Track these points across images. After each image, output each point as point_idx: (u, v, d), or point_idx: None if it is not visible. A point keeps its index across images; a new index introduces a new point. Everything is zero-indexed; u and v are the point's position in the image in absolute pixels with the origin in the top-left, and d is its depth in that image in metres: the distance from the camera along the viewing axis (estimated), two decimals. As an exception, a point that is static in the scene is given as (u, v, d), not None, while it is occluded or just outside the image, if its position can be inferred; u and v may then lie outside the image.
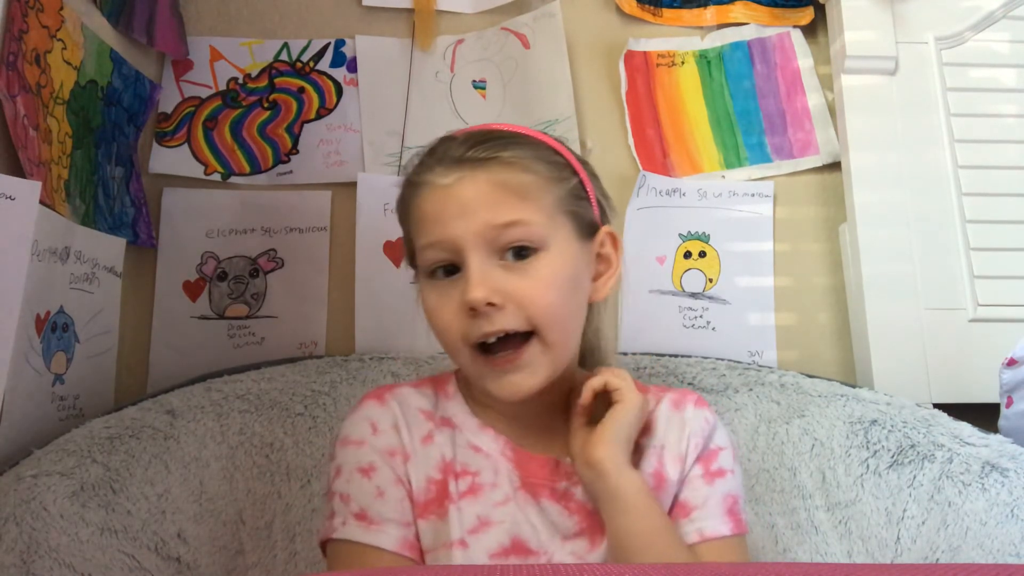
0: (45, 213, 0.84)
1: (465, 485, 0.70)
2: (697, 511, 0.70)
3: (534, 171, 0.69)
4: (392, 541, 0.67)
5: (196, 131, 1.19)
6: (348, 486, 0.69)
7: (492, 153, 0.69)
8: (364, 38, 1.24)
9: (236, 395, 0.95)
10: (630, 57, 1.25)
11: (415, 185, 0.71)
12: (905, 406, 0.98)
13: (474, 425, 0.73)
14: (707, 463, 0.72)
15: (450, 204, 0.67)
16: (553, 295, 0.67)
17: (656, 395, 0.76)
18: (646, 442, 0.73)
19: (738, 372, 1.03)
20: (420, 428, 0.72)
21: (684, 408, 0.75)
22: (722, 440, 0.75)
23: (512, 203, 0.67)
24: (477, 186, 0.67)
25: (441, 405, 0.75)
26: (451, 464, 0.70)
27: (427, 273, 0.70)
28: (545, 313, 0.66)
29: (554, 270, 0.67)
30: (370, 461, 0.69)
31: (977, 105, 1.18)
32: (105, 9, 1.05)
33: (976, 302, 1.11)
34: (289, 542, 0.88)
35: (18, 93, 0.84)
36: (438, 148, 0.72)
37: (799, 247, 1.21)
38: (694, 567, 0.51)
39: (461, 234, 0.66)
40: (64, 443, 0.83)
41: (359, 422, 0.72)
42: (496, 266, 0.66)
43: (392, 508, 0.68)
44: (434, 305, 0.69)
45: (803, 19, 1.27)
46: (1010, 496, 0.86)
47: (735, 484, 0.73)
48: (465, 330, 0.67)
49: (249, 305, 1.15)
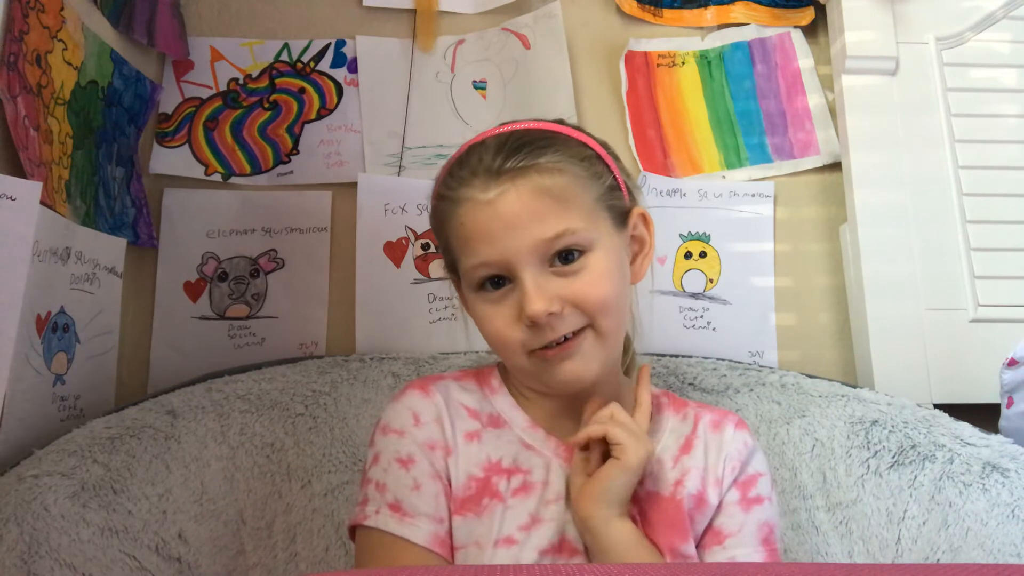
0: (46, 213, 0.84)
1: (517, 483, 0.69)
2: (731, 539, 0.70)
3: (571, 173, 0.69)
4: (423, 536, 0.66)
5: (197, 131, 1.19)
6: (385, 475, 0.69)
7: (529, 161, 0.68)
8: (365, 38, 1.24)
9: (237, 395, 0.95)
10: (631, 57, 1.25)
11: (453, 201, 0.70)
12: (906, 406, 0.98)
13: (524, 422, 0.73)
14: (745, 489, 0.72)
15: (496, 221, 0.67)
16: (605, 289, 0.68)
17: (696, 412, 0.76)
18: (688, 462, 0.72)
19: (739, 372, 1.03)
20: (464, 424, 0.72)
21: (723, 430, 0.74)
22: (760, 466, 0.74)
23: (556, 212, 0.67)
24: (521, 199, 0.67)
25: (488, 401, 0.74)
26: (498, 463, 0.70)
27: (475, 288, 0.70)
28: (600, 308, 0.67)
29: (602, 266, 0.68)
30: (409, 452, 0.69)
31: (977, 105, 1.18)
32: (106, 10, 1.05)
33: (977, 302, 1.11)
34: (290, 542, 0.88)
35: (19, 93, 0.84)
36: (470, 158, 0.70)
37: (800, 247, 1.21)
38: (694, 567, 0.51)
39: (512, 252, 0.66)
40: (65, 443, 0.83)
41: (402, 411, 0.72)
42: (547, 274, 0.67)
43: (427, 502, 0.67)
44: (487, 316, 0.69)
45: (803, 19, 1.27)
46: (1011, 496, 0.86)
47: (772, 513, 0.72)
48: (523, 339, 0.67)
49: (250, 305, 1.15)
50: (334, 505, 0.91)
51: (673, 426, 0.76)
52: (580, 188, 0.69)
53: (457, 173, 0.71)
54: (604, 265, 0.68)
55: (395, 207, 1.17)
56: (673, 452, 0.73)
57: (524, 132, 0.72)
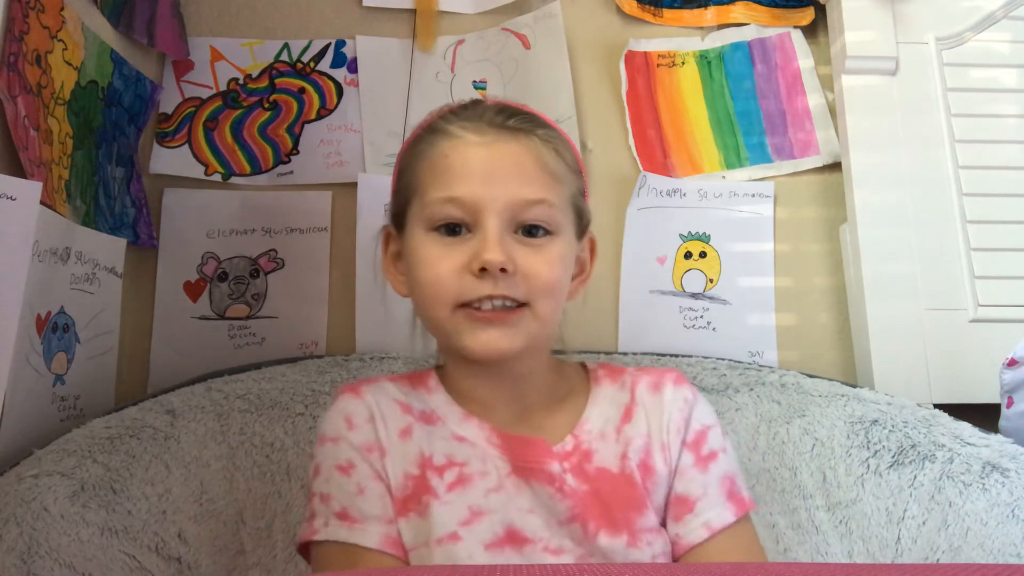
0: (46, 214, 0.84)
1: (452, 477, 0.68)
2: (699, 503, 0.69)
3: (563, 158, 0.70)
4: (374, 539, 0.65)
5: (197, 131, 1.19)
6: (328, 485, 0.68)
7: (531, 127, 0.69)
8: (365, 38, 1.24)
9: (236, 395, 0.95)
10: (631, 57, 1.25)
11: (443, 133, 0.69)
12: (906, 406, 0.98)
13: (458, 416, 0.71)
14: (697, 448, 0.71)
15: (484, 163, 0.66)
16: (558, 274, 0.68)
17: (633, 378, 0.75)
18: (630, 431, 0.71)
19: (739, 372, 1.03)
20: (397, 422, 0.70)
21: (663, 390, 0.73)
22: (706, 418, 0.73)
23: (543, 181, 0.67)
24: (515, 154, 0.67)
25: (421, 398, 0.73)
26: (430, 459, 0.69)
27: (429, 227, 0.68)
28: (545, 289, 0.67)
29: (560, 253, 0.68)
30: (348, 458, 0.68)
31: (977, 105, 1.18)
32: (106, 10, 1.05)
33: (977, 302, 1.11)
34: (289, 542, 0.88)
35: (19, 94, 0.84)
36: (468, 107, 0.71)
37: (800, 247, 1.21)
38: (694, 567, 0.51)
39: (488, 198, 0.65)
40: (64, 443, 0.83)
41: (334, 418, 0.70)
42: (510, 237, 0.66)
43: (373, 505, 0.66)
44: (432, 258, 0.67)
45: (803, 19, 1.27)
46: (1011, 496, 0.86)
47: (728, 462, 0.71)
48: (463, 288, 0.65)
49: (250, 305, 1.15)
50: (334, 505, 0.91)
51: (612, 396, 0.74)
52: (565, 176, 0.70)
53: (454, 114, 0.70)
54: (561, 253, 0.68)
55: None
56: (615, 423, 0.72)
57: (523, 106, 0.73)
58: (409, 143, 0.74)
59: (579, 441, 0.71)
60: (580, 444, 0.70)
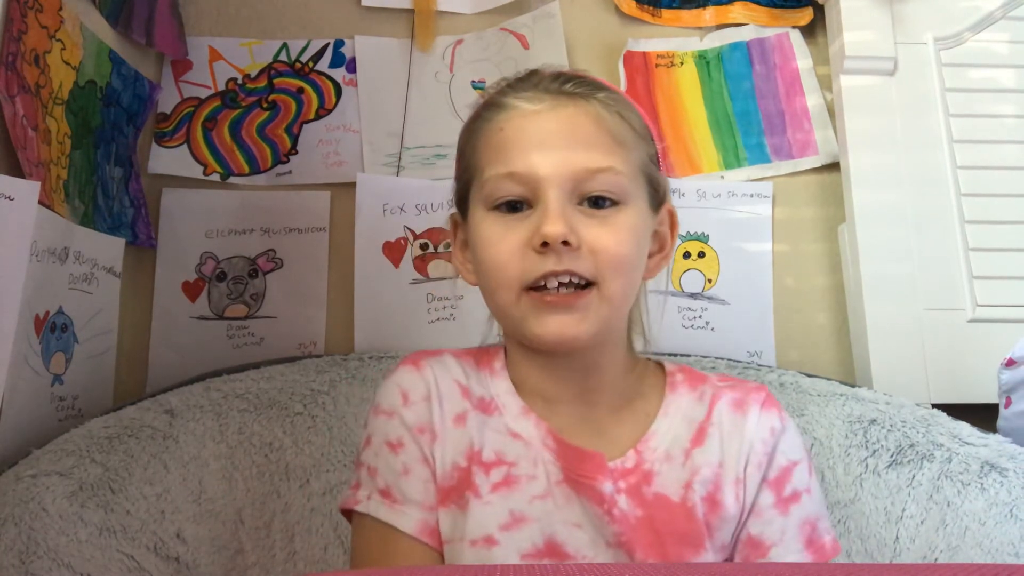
0: (44, 213, 0.84)
1: (499, 476, 0.63)
2: (774, 549, 0.63)
3: (629, 122, 0.64)
4: (412, 524, 0.63)
5: (195, 131, 1.19)
6: (376, 459, 0.65)
7: (590, 91, 0.64)
8: (363, 38, 1.24)
9: (235, 394, 0.95)
10: (629, 57, 1.25)
11: (497, 107, 0.65)
12: (904, 406, 0.98)
13: (517, 408, 0.66)
14: (779, 488, 0.64)
15: (539, 134, 0.62)
16: (627, 249, 0.62)
17: (714, 391, 0.67)
18: (700, 458, 0.64)
19: (738, 372, 1.03)
20: (454, 405, 0.66)
21: (747, 413, 0.66)
22: (793, 452, 0.65)
23: (608, 147, 0.62)
24: (575, 118, 0.62)
25: (483, 382, 0.68)
26: (479, 453, 0.64)
27: (490, 205, 0.63)
28: (615, 265, 0.61)
29: (631, 224, 0.63)
30: (399, 436, 0.65)
31: (976, 106, 1.18)
32: (104, 9, 1.05)
33: (975, 302, 1.11)
34: (288, 542, 0.88)
35: (17, 93, 0.84)
36: (524, 78, 0.67)
37: (798, 247, 1.21)
38: (694, 567, 0.51)
39: (547, 171, 0.61)
40: (63, 443, 0.82)
41: (391, 390, 0.67)
42: (574, 209, 0.61)
43: (416, 489, 0.64)
44: (495, 238, 0.62)
45: (802, 19, 1.27)
46: (1009, 496, 0.87)
47: (813, 504, 0.65)
48: (526, 267, 0.61)
49: (248, 305, 1.15)
50: (332, 504, 0.90)
51: (686, 410, 0.67)
52: (631, 140, 0.64)
53: (510, 87, 0.66)
54: (631, 225, 0.62)
55: (394, 207, 1.17)
56: (684, 444, 0.65)
57: (583, 73, 0.68)
58: (466, 123, 0.70)
59: (641, 459, 0.65)
60: (642, 463, 0.64)
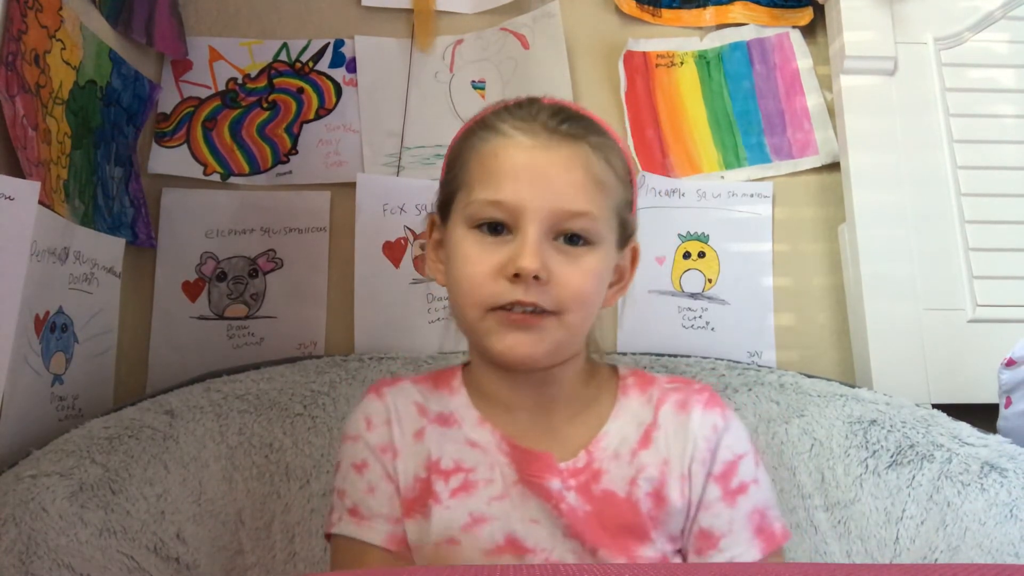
0: (44, 213, 0.84)
1: (457, 482, 0.68)
2: (724, 539, 0.67)
3: (613, 166, 0.69)
4: (380, 536, 0.68)
5: (195, 131, 1.19)
6: (344, 482, 0.71)
7: (584, 133, 0.68)
8: (363, 38, 1.24)
9: (235, 395, 0.95)
10: (629, 57, 1.25)
11: (497, 131, 0.68)
12: (904, 406, 0.98)
13: (474, 419, 0.71)
14: (725, 481, 0.68)
15: (532, 168, 0.66)
16: (589, 288, 0.67)
17: (661, 393, 0.72)
18: (645, 458, 0.69)
19: (737, 372, 1.03)
20: (413, 423, 0.71)
21: (690, 413, 0.70)
22: (738, 446, 0.69)
23: (590, 192, 0.66)
24: (564, 162, 0.66)
25: (442, 400, 0.73)
26: (437, 463, 0.69)
27: (472, 224, 0.67)
28: (575, 300, 0.66)
29: (596, 267, 0.67)
30: (363, 458, 0.70)
31: (976, 106, 1.18)
32: (104, 9, 1.05)
33: (975, 302, 1.11)
34: (288, 542, 0.88)
35: (17, 93, 0.84)
36: (524, 106, 0.70)
37: (798, 247, 1.21)
38: (694, 567, 0.51)
39: (532, 203, 0.65)
40: (63, 443, 0.82)
41: (357, 418, 0.73)
42: (549, 244, 0.66)
43: (381, 503, 0.69)
44: (472, 257, 0.66)
45: (802, 19, 1.27)
46: (1009, 496, 0.87)
47: (760, 494, 0.68)
48: (497, 291, 0.65)
49: (248, 305, 1.15)
50: (333, 505, 0.91)
51: (635, 411, 0.72)
52: (612, 186, 0.69)
53: (507, 115, 0.70)
54: (596, 267, 0.67)
55: (394, 207, 1.17)
56: (631, 445, 0.70)
57: (580, 109, 0.72)
58: (461, 135, 0.73)
59: (592, 459, 0.69)
60: (592, 462, 0.69)
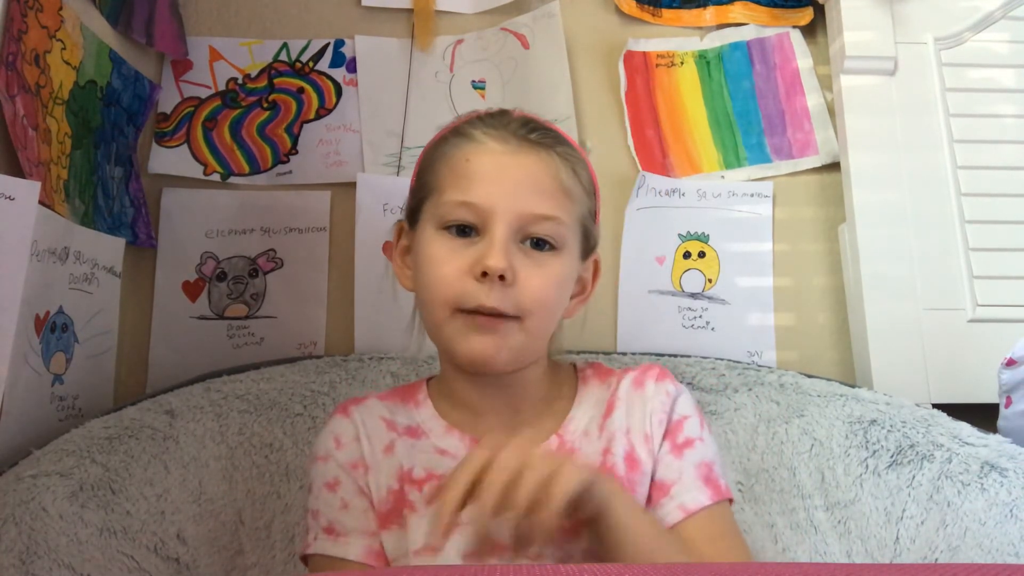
0: (44, 213, 0.84)
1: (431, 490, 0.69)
2: (674, 487, 0.70)
3: (579, 178, 0.72)
4: (357, 551, 0.68)
5: (195, 131, 1.19)
6: (317, 502, 0.71)
7: (552, 143, 0.71)
8: (363, 38, 1.24)
9: (235, 395, 0.95)
10: (629, 57, 1.25)
11: (469, 138, 0.71)
12: (904, 406, 0.98)
13: (441, 429, 0.73)
14: (673, 437, 0.72)
15: (501, 172, 0.68)
16: (552, 293, 0.69)
17: (618, 377, 0.76)
18: (611, 426, 0.72)
19: (737, 372, 1.03)
20: (382, 438, 0.73)
21: (645, 385, 0.74)
22: (685, 409, 0.74)
23: (556, 198, 0.69)
24: (533, 168, 0.69)
25: (408, 414, 0.75)
26: (409, 473, 0.71)
27: (440, 225, 0.69)
28: (538, 305, 0.68)
29: (559, 273, 0.69)
30: (335, 476, 0.71)
31: (976, 106, 1.18)
32: (104, 9, 1.05)
33: (975, 302, 1.11)
34: (288, 542, 0.88)
35: (17, 93, 0.84)
36: (496, 116, 0.73)
37: (798, 247, 1.21)
38: (694, 567, 0.51)
39: (501, 206, 0.67)
40: (63, 443, 0.82)
41: (325, 438, 0.74)
42: (515, 246, 0.68)
43: (356, 519, 0.70)
44: (440, 258, 0.68)
45: (802, 19, 1.27)
46: (1009, 496, 0.86)
47: (706, 450, 0.72)
48: (463, 291, 0.66)
49: (248, 305, 1.15)
50: (333, 505, 0.91)
51: (597, 396, 0.75)
52: (578, 195, 0.71)
53: (481, 120, 0.72)
54: (560, 273, 0.69)
55: (394, 207, 1.17)
56: (598, 420, 0.73)
57: (548, 122, 0.74)
58: (433, 143, 0.76)
59: (563, 440, 0.72)
60: (564, 443, 0.72)
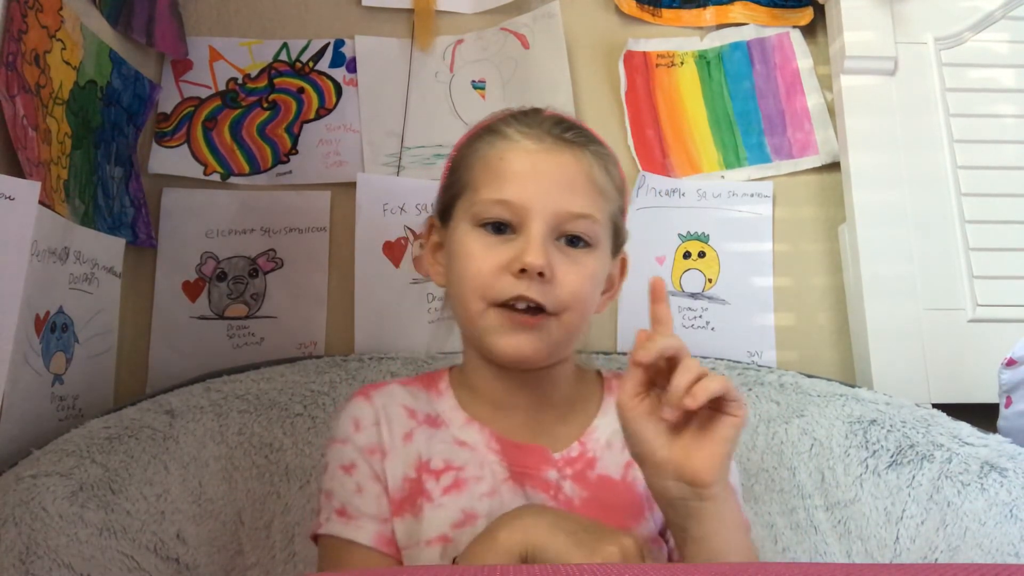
0: (44, 213, 0.84)
1: (448, 480, 0.70)
2: None
3: (610, 175, 0.73)
4: (368, 536, 0.68)
5: (195, 131, 1.19)
6: (332, 483, 0.71)
7: (585, 142, 0.71)
8: (364, 38, 1.24)
9: (235, 395, 0.95)
10: (629, 57, 1.25)
11: (503, 136, 0.71)
12: (904, 406, 0.98)
13: (461, 420, 0.73)
14: None
15: (537, 171, 0.69)
16: (588, 289, 0.70)
17: None
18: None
19: (737, 372, 1.03)
20: (402, 425, 0.73)
21: None
22: None
23: (592, 197, 0.70)
24: (568, 167, 0.69)
25: (431, 402, 0.75)
26: (427, 463, 0.71)
27: (477, 223, 0.70)
28: (576, 301, 0.68)
29: (593, 269, 0.70)
30: (351, 459, 0.71)
31: (976, 105, 1.18)
32: (104, 9, 1.05)
33: (975, 302, 1.11)
34: (288, 542, 0.88)
35: (17, 93, 0.84)
36: (528, 115, 0.73)
37: (798, 247, 1.21)
38: (694, 567, 0.51)
39: (538, 205, 0.67)
40: (63, 443, 0.82)
41: (345, 420, 0.74)
42: (551, 244, 0.68)
43: (369, 504, 0.69)
44: (477, 254, 0.69)
45: (802, 19, 1.27)
46: (1009, 496, 0.87)
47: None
48: (501, 286, 0.67)
49: (248, 305, 1.15)
50: (333, 505, 0.90)
51: None
52: (610, 193, 0.72)
53: (514, 119, 0.73)
54: (595, 270, 0.70)
55: (394, 207, 1.17)
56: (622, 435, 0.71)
57: (579, 121, 0.75)
58: (465, 140, 0.76)
59: (585, 448, 0.72)
60: (585, 452, 0.72)
